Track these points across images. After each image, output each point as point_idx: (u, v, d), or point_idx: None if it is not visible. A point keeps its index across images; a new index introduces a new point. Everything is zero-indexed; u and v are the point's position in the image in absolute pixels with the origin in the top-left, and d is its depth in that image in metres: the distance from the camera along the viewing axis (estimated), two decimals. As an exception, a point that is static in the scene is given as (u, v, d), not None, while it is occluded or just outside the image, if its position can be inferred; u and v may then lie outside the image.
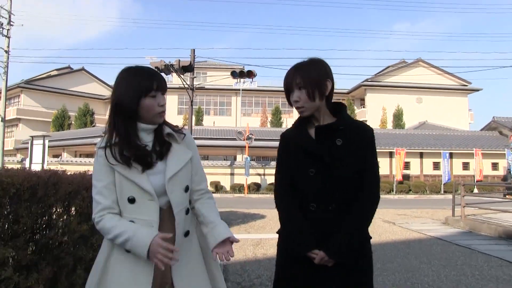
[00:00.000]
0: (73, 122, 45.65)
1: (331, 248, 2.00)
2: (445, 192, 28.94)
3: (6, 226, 2.28)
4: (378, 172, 2.17)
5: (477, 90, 48.31)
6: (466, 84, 47.53)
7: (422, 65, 47.70)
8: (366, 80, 46.23)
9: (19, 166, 26.38)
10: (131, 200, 1.89)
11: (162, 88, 1.98)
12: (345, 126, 2.13)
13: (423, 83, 45.29)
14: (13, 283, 2.24)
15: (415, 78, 45.47)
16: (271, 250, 7.66)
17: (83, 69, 52.81)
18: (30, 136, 16.35)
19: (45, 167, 13.39)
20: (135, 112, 1.93)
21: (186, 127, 21.91)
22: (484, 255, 7.62)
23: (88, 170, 3.58)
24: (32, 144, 14.46)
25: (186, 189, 2.03)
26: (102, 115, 50.94)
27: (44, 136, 14.73)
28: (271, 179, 29.80)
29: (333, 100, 2.21)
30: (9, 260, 2.24)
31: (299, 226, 2.08)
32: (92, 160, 32.16)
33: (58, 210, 2.74)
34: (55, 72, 51.69)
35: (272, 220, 12.45)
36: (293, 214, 2.10)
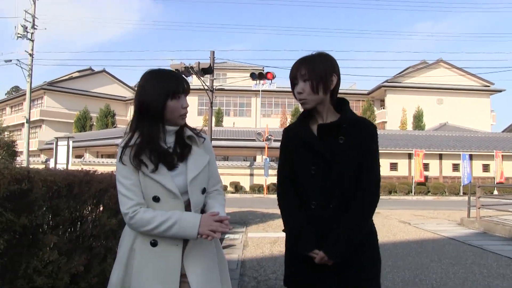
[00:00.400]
0: (94, 123, 46.30)
1: (329, 248, 2.03)
2: (464, 193, 28.76)
3: (50, 217, 2.60)
4: (378, 170, 2.15)
5: (500, 91, 47.70)
6: (489, 84, 46.91)
7: (443, 66, 47.22)
8: (386, 81, 46.07)
9: (43, 166, 27.06)
10: (157, 199, 1.94)
11: (186, 91, 2.03)
12: (348, 123, 2.12)
13: (444, 84, 44.76)
14: (58, 264, 2.59)
15: (436, 79, 44.97)
16: (278, 248, 7.92)
17: (104, 70, 53.57)
18: (55, 138, 16.86)
19: (69, 167, 13.82)
20: (161, 113, 1.96)
21: (206, 128, 22.33)
22: (494, 254, 7.78)
23: (112, 171, 3.88)
24: (57, 145, 14.93)
25: (203, 191, 2.07)
26: (123, 116, 51.60)
27: (68, 137, 15.20)
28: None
29: (350, 100, 2.27)
30: (52, 246, 2.56)
31: (299, 225, 2.11)
32: (114, 160, 32.67)
33: (90, 206, 3.04)
34: (77, 74, 52.62)
35: (280, 220, 12.73)
36: (293, 213, 2.15)
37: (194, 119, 44.08)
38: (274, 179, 30.58)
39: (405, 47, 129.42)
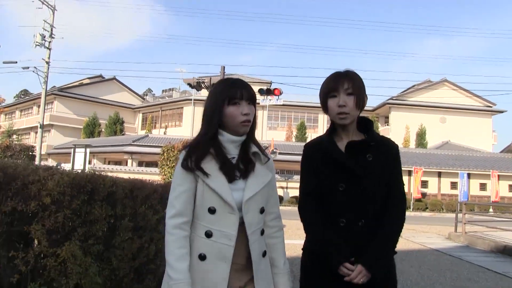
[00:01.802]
0: (103, 130, 46.86)
1: (371, 261, 2.00)
2: (460, 211, 29.49)
3: (118, 211, 3.51)
4: (404, 189, 2.20)
5: (502, 112, 48.51)
6: (491, 105, 47.68)
7: (447, 85, 48.07)
8: (391, 99, 46.84)
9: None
10: (212, 211, 1.91)
11: (248, 97, 1.99)
12: (375, 142, 2.15)
13: (448, 103, 45.49)
14: (129, 243, 3.54)
15: (439, 98, 45.72)
16: (287, 253, 8.72)
17: (114, 78, 54.23)
18: (73, 145, 17.74)
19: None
20: (219, 119, 1.97)
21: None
22: (469, 263, 8.77)
23: (152, 180, 4.75)
24: (74, 152, 15.80)
25: (262, 210, 2.02)
26: (131, 123, 52.43)
27: (86, 146, 16.08)
28: (293, 192, 30.79)
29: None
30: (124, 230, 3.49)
31: (330, 238, 2.08)
32: (121, 167, 33.43)
33: (141, 205, 3.87)
34: (87, 81, 53.34)
35: (290, 229, 13.40)
36: (321, 226, 2.12)
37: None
38: (279, 192, 31.33)
39: (410, 66, 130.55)
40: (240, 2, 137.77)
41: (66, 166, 25.35)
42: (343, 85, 2.11)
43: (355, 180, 2.06)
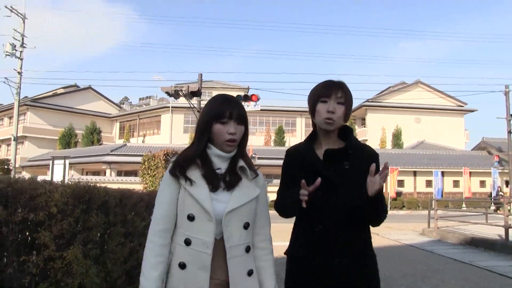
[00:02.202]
0: (79, 140, 46.34)
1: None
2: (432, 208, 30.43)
3: (111, 218, 3.73)
4: (382, 194, 2.14)
5: (472, 111, 49.72)
6: (462, 105, 48.77)
7: (421, 87, 49.19)
8: (367, 101, 47.59)
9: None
10: (191, 218, 1.91)
11: (237, 117, 2.02)
12: (354, 150, 2.18)
13: (422, 103, 46.39)
14: (121, 246, 3.82)
15: (414, 99, 46.64)
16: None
17: (90, 87, 53.60)
18: (52, 157, 17.65)
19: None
20: (208, 135, 2.01)
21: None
22: (439, 256, 9.42)
23: (135, 189, 4.98)
24: (53, 164, 15.73)
25: (246, 226, 2.00)
26: (109, 133, 51.98)
27: (65, 157, 16.03)
28: (272, 196, 30.82)
29: None
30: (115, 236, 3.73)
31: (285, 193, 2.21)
32: (100, 177, 33.32)
33: (130, 212, 4.12)
34: (62, 90, 52.34)
35: (272, 232, 13.81)
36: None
37: (180, 136, 45.01)
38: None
39: (385, 68, 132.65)
40: (216, 10, 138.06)
41: (43, 179, 25.22)
42: (336, 93, 2.16)
43: (331, 187, 2.09)
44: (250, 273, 1.98)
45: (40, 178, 18.05)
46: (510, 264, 8.38)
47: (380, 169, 2.02)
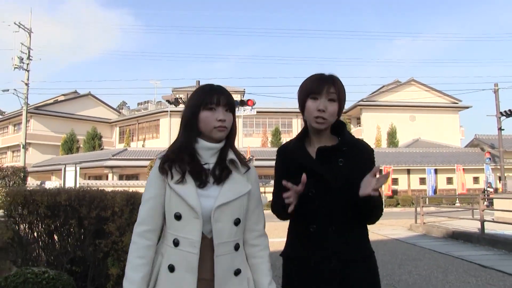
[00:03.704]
0: (81, 146, 46.94)
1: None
2: (429, 204, 31.16)
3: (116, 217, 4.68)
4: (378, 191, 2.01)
5: (467, 108, 49.83)
6: (457, 101, 48.83)
7: (415, 85, 49.36)
8: (362, 100, 48.04)
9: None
10: (178, 217, 1.83)
11: (225, 103, 1.93)
12: (348, 146, 2.06)
13: (416, 101, 46.61)
14: (118, 241, 4.67)
15: (408, 97, 47.00)
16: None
17: (89, 94, 54.32)
18: (64, 164, 18.47)
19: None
20: (194, 124, 1.92)
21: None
22: (420, 248, 10.28)
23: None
24: (65, 171, 16.57)
25: (237, 222, 1.90)
26: (109, 137, 52.62)
27: (75, 164, 16.87)
28: (270, 197, 31.78)
29: None
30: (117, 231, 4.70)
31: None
32: (103, 182, 34.08)
33: (135, 213, 4.96)
34: (62, 97, 53.17)
35: (268, 230, 14.61)
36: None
37: (178, 140, 45.49)
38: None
39: (378, 68, 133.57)
40: (211, 18, 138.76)
41: (50, 184, 26.01)
42: (327, 89, 2.01)
43: (324, 186, 1.98)
44: (237, 272, 1.89)
45: (48, 183, 18.94)
46: (481, 254, 9.27)
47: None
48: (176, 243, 1.83)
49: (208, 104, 1.91)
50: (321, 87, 2.01)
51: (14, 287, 3.37)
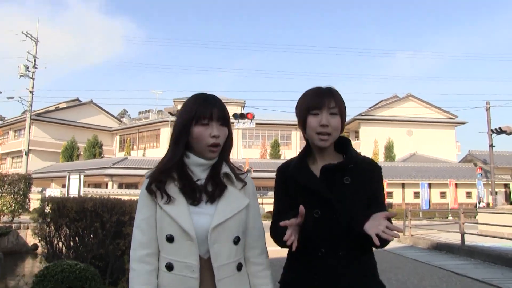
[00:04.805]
0: (81, 153, 47.39)
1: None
2: (422, 218, 32.02)
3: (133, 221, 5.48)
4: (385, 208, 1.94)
5: (463, 123, 50.69)
6: (453, 117, 49.72)
7: (412, 100, 50.08)
8: (360, 114, 48.73)
9: (39, 196, 29.15)
10: (169, 239, 1.70)
11: (219, 117, 1.79)
12: (354, 164, 1.93)
13: (413, 116, 47.31)
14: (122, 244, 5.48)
15: (406, 112, 47.61)
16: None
17: (91, 101, 54.95)
18: (68, 172, 19.21)
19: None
20: (184, 139, 1.78)
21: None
22: (404, 257, 11.07)
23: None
24: (69, 179, 17.30)
25: (237, 240, 1.77)
26: (109, 146, 53.20)
27: (80, 172, 17.60)
28: (268, 208, 32.51)
29: None
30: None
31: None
32: (104, 190, 34.67)
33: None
34: (64, 105, 53.73)
35: (268, 239, 15.50)
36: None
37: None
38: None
39: (377, 82, 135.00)
40: (209, 30, 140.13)
41: (51, 191, 26.65)
42: (328, 103, 1.91)
43: (330, 206, 1.85)
44: None
45: (49, 191, 19.68)
46: (458, 263, 10.07)
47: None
48: (169, 267, 1.71)
49: (201, 119, 1.76)
50: (321, 102, 1.92)
51: (54, 275, 4.32)
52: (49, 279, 4.28)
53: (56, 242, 5.43)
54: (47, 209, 5.30)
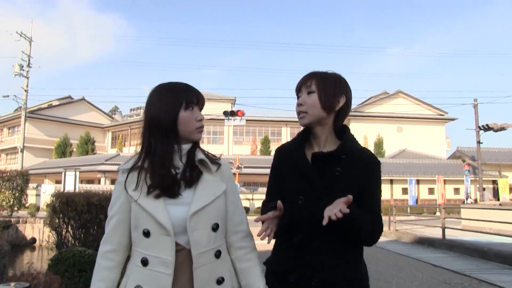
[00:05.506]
0: (74, 150, 47.67)
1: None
2: (410, 213, 32.64)
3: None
4: (379, 209, 1.88)
5: (453, 120, 51.03)
6: (443, 113, 49.94)
7: (402, 96, 50.46)
8: (350, 110, 48.93)
9: (34, 192, 29.59)
10: (146, 234, 1.65)
11: (201, 103, 1.81)
12: (348, 154, 1.85)
13: (403, 113, 47.81)
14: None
15: (395, 109, 48.04)
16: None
17: (83, 99, 55.27)
18: (63, 168, 19.64)
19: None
20: (174, 126, 1.73)
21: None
22: (387, 251, 11.54)
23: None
24: (65, 175, 17.75)
25: (215, 227, 1.72)
26: (101, 142, 53.54)
27: (75, 168, 18.04)
28: (258, 204, 33.09)
29: None
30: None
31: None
32: (95, 186, 35.12)
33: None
34: (56, 102, 54.03)
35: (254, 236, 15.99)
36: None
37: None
38: (244, 203, 33.46)
39: (366, 78, 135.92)
40: (205, 29, 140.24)
41: (46, 187, 27.02)
42: (305, 83, 1.90)
43: (314, 195, 1.80)
44: (220, 281, 1.72)
45: (44, 186, 20.15)
46: (437, 256, 10.58)
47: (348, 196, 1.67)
48: (145, 262, 1.66)
49: (189, 104, 1.76)
50: (300, 84, 1.94)
51: (67, 259, 5.05)
52: (63, 262, 4.96)
53: (64, 232, 5.91)
54: (57, 204, 5.81)
